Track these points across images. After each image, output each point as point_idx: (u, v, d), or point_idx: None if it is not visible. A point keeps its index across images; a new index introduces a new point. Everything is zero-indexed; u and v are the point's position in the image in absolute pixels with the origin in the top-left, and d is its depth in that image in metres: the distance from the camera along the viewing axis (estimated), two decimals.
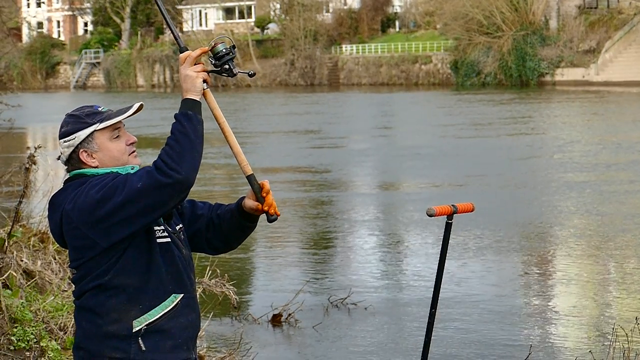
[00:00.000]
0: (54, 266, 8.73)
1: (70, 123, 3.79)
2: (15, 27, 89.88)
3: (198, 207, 4.01)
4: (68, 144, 3.77)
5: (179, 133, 3.62)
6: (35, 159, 7.94)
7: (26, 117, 41.36)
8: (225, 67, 3.79)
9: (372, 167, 25.44)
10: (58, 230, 3.75)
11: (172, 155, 3.58)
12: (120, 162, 3.78)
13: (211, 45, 3.79)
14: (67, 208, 3.66)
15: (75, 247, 3.70)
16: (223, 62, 3.78)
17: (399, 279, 13.00)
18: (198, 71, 3.73)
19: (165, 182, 3.54)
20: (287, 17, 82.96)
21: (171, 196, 3.59)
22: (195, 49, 3.76)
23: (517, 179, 21.67)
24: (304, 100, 55.91)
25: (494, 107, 46.31)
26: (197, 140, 3.63)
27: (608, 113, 40.56)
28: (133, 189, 3.55)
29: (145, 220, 3.62)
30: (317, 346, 10.10)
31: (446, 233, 4.34)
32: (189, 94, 3.70)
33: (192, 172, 3.59)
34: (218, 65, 3.79)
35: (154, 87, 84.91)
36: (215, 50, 3.78)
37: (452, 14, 70.77)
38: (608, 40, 65.95)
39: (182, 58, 3.76)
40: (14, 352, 6.61)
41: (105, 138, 3.76)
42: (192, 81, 3.71)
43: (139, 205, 3.56)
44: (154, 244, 3.72)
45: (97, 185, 3.63)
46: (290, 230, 16.49)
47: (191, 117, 3.65)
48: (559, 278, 12.83)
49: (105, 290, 3.67)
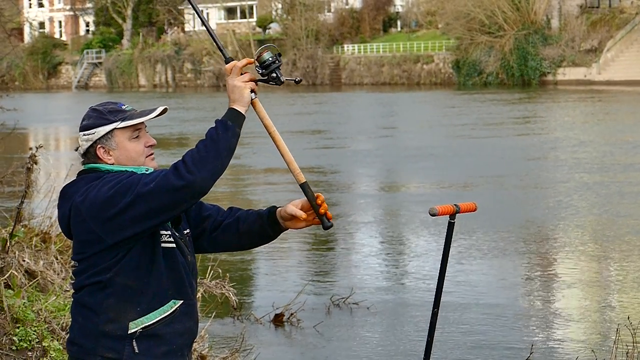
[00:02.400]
0: (56, 266, 8.73)
1: (92, 117, 3.75)
2: (17, 27, 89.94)
3: (205, 209, 3.98)
4: (87, 137, 3.74)
5: (210, 140, 3.58)
6: (37, 159, 7.93)
7: (28, 118, 41.37)
8: (273, 76, 3.73)
9: (377, 167, 25.39)
10: (66, 221, 3.73)
11: (195, 158, 3.54)
12: (136, 163, 3.75)
13: (257, 55, 3.73)
14: (78, 200, 3.64)
15: (80, 240, 3.68)
16: (270, 70, 3.72)
17: (401, 278, 12.99)
18: (246, 81, 3.68)
19: (178, 185, 3.50)
20: (289, 17, 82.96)
21: (182, 200, 3.54)
22: (241, 59, 3.71)
23: (527, 179, 21.63)
24: (310, 100, 55.84)
25: (501, 107, 46.17)
26: (225, 153, 3.58)
27: (619, 113, 40.32)
28: (145, 188, 3.53)
29: (154, 222, 3.59)
30: (319, 346, 10.09)
31: (449, 233, 4.32)
32: (235, 104, 3.67)
33: (208, 180, 3.54)
34: (265, 74, 3.73)
35: (156, 87, 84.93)
36: (261, 59, 3.72)
37: (453, 13, 70.73)
38: (610, 40, 65.90)
39: (228, 69, 3.71)
40: (16, 352, 6.61)
41: (125, 137, 3.73)
42: (240, 92, 3.67)
43: (150, 206, 3.52)
44: (158, 248, 3.69)
45: (110, 182, 3.60)
46: (293, 230, 16.45)
47: (229, 127, 3.61)
48: (563, 279, 12.82)
49: (104, 288, 3.65)
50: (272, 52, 3.74)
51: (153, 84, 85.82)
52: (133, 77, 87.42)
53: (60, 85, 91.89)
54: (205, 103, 58.99)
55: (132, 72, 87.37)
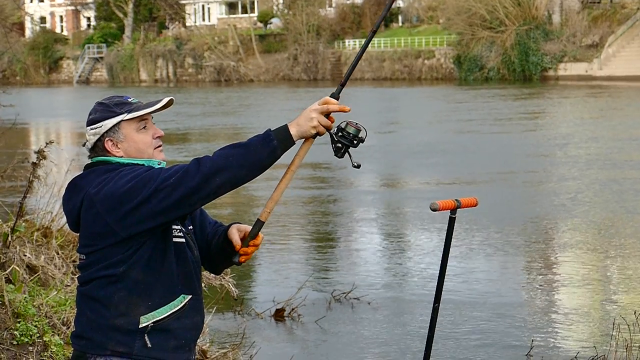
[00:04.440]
0: (57, 261, 8.73)
1: (98, 111, 3.75)
2: (18, 21, 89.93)
3: (206, 219, 3.98)
4: (94, 131, 3.74)
5: (245, 147, 3.54)
6: (45, 154, 7.93)
7: (29, 113, 41.37)
8: (338, 145, 3.66)
9: (383, 163, 25.33)
10: (75, 214, 3.71)
11: (220, 158, 3.51)
12: (145, 154, 3.75)
13: (349, 122, 3.64)
14: (92, 192, 3.61)
15: (91, 232, 3.65)
16: (341, 140, 3.65)
17: (402, 274, 12.99)
18: (321, 122, 3.60)
19: (198, 181, 3.48)
20: (290, 12, 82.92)
21: (199, 198, 3.53)
22: (335, 105, 3.60)
23: (536, 175, 21.58)
24: (314, 95, 55.77)
25: (509, 102, 46.06)
26: (250, 166, 3.53)
27: (628, 108, 40.01)
28: (165, 183, 3.51)
29: (170, 217, 3.57)
30: (320, 341, 10.10)
31: (449, 228, 4.32)
32: (294, 128, 3.58)
33: (219, 188, 3.52)
34: (336, 138, 3.66)
35: (157, 82, 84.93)
36: (346, 127, 3.64)
37: (455, 8, 70.71)
38: (611, 35, 65.86)
39: (323, 100, 3.62)
40: (17, 346, 6.61)
41: (132, 129, 3.73)
42: (308, 122, 3.59)
43: (168, 201, 3.51)
44: (170, 243, 3.69)
45: (127, 176, 3.58)
46: (294, 225, 16.48)
47: (270, 145, 3.54)
48: (564, 275, 12.82)
49: (115, 282, 3.63)
50: (360, 134, 3.66)
51: (154, 79, 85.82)
52: (134, 72, 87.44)
53: (61, 80, 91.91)
54: (211, 97, 58.89)
55: (133, 67, 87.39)
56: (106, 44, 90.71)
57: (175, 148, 29.02)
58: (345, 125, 3.65)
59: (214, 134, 34.55)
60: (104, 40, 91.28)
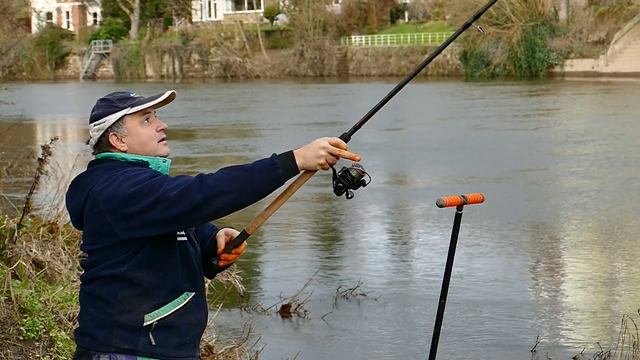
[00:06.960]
0: (63, 256, 8.74)
1: (101, 107, 3.76)
2: (24, 17, 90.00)
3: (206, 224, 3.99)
4: (98, 127, 3.74)
5: (250, 174, 3.54)
6: (51, 150, 7.95)
7: (35, 109, 41.41)
8: (339, 185, 3.71)
9: (392, 160, 25.26)
10: (79, 211, 3.70)
11: (221, 180, 3.51)
12: (149, 147, 3.75)
13: (356, 164, 3.69)
14: (97, 189, 3.61)
15: (94, 231, 3.65)
16: (343, 181, 3.70)
17: (408, 270, 12.98)
18: (328, 160, 3.63)
19: (198, 200, 3.47)
20: (297, 8, 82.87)
21: (199, 217, 3.52)
22: (345, 151, 3.65)
23: (549, 173, 21.52)
24: (325, 92, 55.70)
25: (522, 98, 45.85)
26: (250, 192, 3.53)
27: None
28: (168, 195, 3.49)
29: (169, 229, 3.58)
30: (326, 337, 10.09)
31: (456, 224, 4.32)
32: (300, 159, 3.59)
33: (218, 210, 3.51)
34: (338, 177, 3.70)
35: (163, 78, 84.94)
36: (351, 171, 3.69)
37: (461, 4, 70.59)
38: (617, 31, 65.73)
39: (335, 142, 3.64)
40: (23, 342, 6.62)
41: (136, 123, 3.74)
42: (317, 158, 3.61)
43: (168, 213, 3.49)
44: (174, 241, 3.69)
45: (132, 179, 3.57)
46: (300, 221, 16.48)
47: (275, 173, 3.56)
48: (570, 272, 12.80)
49: (119, 281, 3.63)
50: (363, 179, 3.72)
51: (160, 75, 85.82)
52: (140, 67, 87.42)
53: (67, 76, 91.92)
54: (221, 93, 58.72)
55: (140, 63, 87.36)
56: (112, 39, 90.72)
57: (186, 144, 28.94)
58: (351, 169, 3.70)
59: (226, 130, 34.43)
60: (110, 36, 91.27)
